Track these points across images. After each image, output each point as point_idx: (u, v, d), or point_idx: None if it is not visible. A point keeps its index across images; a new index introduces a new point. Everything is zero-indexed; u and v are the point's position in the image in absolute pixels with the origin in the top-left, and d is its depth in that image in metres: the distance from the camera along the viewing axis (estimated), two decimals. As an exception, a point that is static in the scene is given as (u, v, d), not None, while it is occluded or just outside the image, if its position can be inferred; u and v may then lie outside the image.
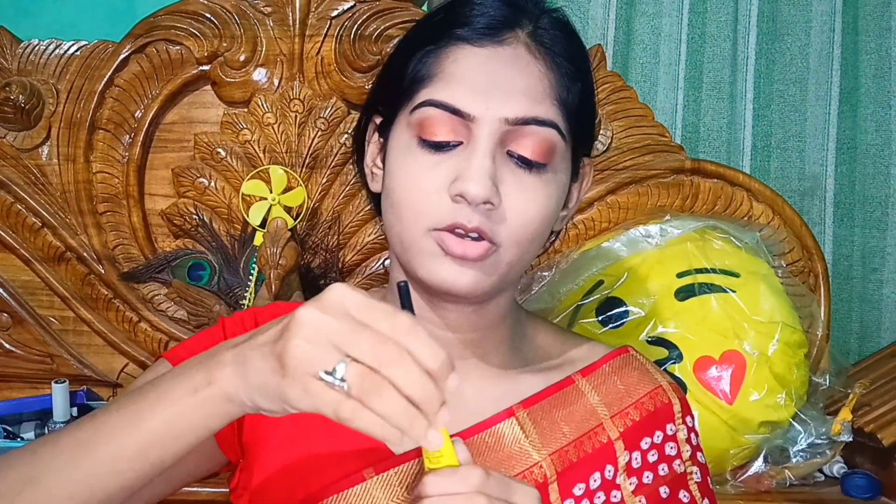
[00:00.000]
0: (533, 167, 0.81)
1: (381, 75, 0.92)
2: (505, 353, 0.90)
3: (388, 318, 0.61)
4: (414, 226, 0.81)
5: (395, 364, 0.60)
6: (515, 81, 0.81)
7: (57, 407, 1.39)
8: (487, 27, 0.82)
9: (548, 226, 0.84)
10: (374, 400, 0.60)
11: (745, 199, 1.48)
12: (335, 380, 0.60)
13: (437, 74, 0.82)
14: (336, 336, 0.61)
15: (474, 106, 0.80)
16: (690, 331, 1.32)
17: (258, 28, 1.46)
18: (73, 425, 0.74)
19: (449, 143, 0.81)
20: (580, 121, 0.85)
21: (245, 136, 1.46)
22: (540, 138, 0.81)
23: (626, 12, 1.68)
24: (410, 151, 0.82)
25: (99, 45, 1.47)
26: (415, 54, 0.84)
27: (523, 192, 0.81)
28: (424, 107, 0.81)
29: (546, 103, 0.81)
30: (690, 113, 1.70)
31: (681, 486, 0.88)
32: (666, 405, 0.90)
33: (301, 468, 0.83)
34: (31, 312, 1.49)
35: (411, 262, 0.82)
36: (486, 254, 0.80)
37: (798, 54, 1.69)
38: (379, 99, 0.90)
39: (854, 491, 1.30)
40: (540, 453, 0.84)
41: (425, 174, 0.80)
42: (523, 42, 0.83)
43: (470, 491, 0.67)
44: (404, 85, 0.84)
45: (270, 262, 1.35)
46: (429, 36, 0.85)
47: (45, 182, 1.47)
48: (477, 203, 0.78)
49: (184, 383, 0.68)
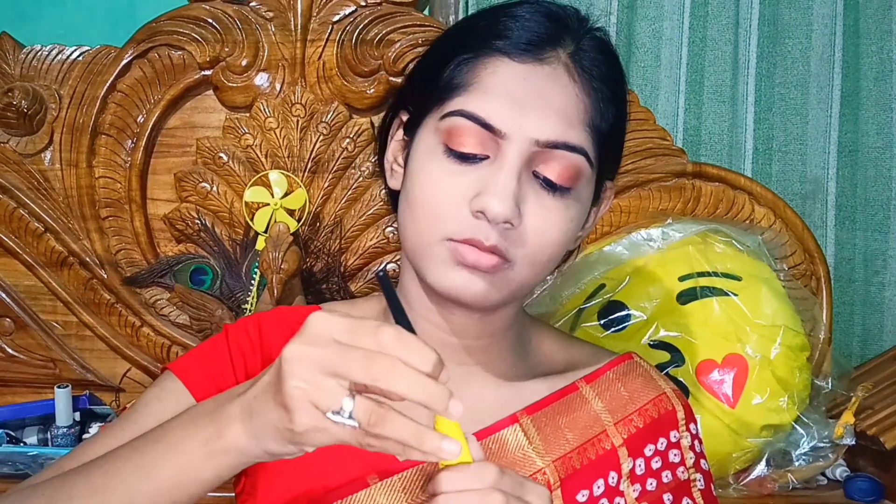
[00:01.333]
0: (557, 190, 0.80)
1: (413, 74, 0.91)
2: (509, 359, 0.90)
3: (374, 334, 0.62)
4: (429, 231, 0.80)
5: (390, 375, 0.60)
6: (551, 102, 0.79)
7: (60, 412, 1.39)
8: (529, 43, 0.81)
9: (564, 248, 0.84)
10: (386, 429, 0.61)
11: (747, 202, 1.48)
12: (344, 419, 0.61)
13: (472, 84, 0.80)
14: (328, 365, 0.61)
15: (507, 123, 0.78)
16: (692, 334, 1.32)
17: (260, 33, 1.46)
18: (86, 469, 0.75)
19: (476, 156, 0.79)
20: (609, 147, 0.84)
21: (247, 140, 1.47)
22: (568, 163, 0.80)
23: (628, 16, 1.68)
24: (435, 157, 0.81)
25: (101, 50, 1.47)
26: (451, 59, 0.83)
27: (544, 213, 0.80)
28: (455, 116, 0.80)
29: (578, 128, 0.80)
30: (692, 116, 1.70)
31: (684, 494, 0.88)
32: (670, 412, 0.90)
33: (306, 474, 0.83)
34: (34, 317, 1.49)
35: (422, 266, 0.82)
36: (498, 266, 0.79)
37: (799, 57, 1.69)
38: (409, 97, 0.88)
39: (857, 494, 1.31)
40: (543, 460, 0.84)
41: (447, 182, 0.80)
42: (563, 62, 0.81)
43: (485, 487, 0.67)
44: (437, 89, 0.82)
45: (273, 267, 1.35)
46: (468, 43, 0.83)
47: (47, 187, 1.47)
48: (497, 222, 0.78)
49: (195, 434, 0.69)
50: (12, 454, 1.32)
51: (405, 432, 0.61)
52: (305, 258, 1.44)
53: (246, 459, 0.67)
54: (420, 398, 0.61)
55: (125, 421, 0.85)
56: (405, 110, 0.88)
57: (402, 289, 0.89)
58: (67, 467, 0.80)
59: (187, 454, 0.68)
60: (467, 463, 0.68)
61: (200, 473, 0.68)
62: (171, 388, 0.86)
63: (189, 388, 0.85)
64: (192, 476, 0.68)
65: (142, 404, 0.87)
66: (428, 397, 0.61)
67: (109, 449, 0.76)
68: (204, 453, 0.68)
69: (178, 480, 0.68)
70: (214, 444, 0.67)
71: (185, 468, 0.68)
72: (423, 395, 0.61)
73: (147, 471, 0.70)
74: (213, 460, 0.68)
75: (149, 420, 0.81)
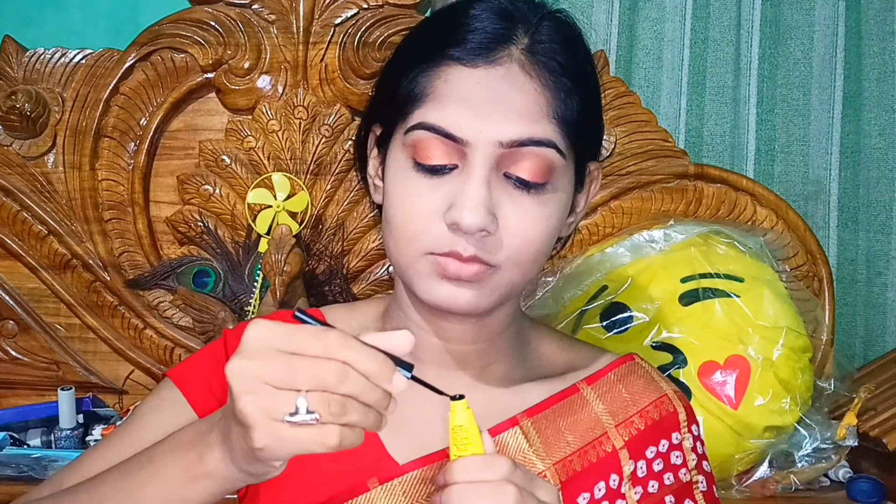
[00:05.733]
0: (531, 188, 0.79)
1: (378, 87, 0.90)
2: (508, 362, 0.90)
3: (319, 338, 0.62)
4: (410, 248, 0.80)
5: (343, 381, 0.61)
6: (509, 102, 0.78)
7: (63, 414, 1.40)
8: (479, 46, 0.79)
9: (549, 243, 0.82)
10: (348, 416, 0.61)
11: (749, 203, 1.48)
12: (304, 417, 0.60)
13: (429, 95, 0.79)
14: (273, 378, 0.61)
15: (467, 130, 0.77)
16: (695, 336, 1.32)
17: (262, 36, 1.46)
18: (73, 492, 0.76)
19: (445, 167, 0.78)
20: (582, 132, 0.82)
21: (249, 143, 1.47)
22: (538, 159, 0.78)
23: (629, 17, 1.68)
24: (406, 174, 0.80)
25: (104, 53, 1.48)
26: (408, 71, 0.82)
27: (521, 214, 0.79)
28: (418, 130, 0.79)
29: (542, 122, 0.79)
30: (694, 118, 1.70)
31: (686, 496, 0.88)
32: (671, 414, 0.90)
33: (307, 478, 0.83)
34: (37, 320, 1.50)
35: (409, 281, 0.82)
36: (482, 274, 0.78)
37: (801, 58, 1.69)
38: (376, 111, 0.88)
39: (859, 495, 1.30)
40: (544, 462, 0.83)
41: (421, 198, 0.79)
42: (517, 60, 0.79)
43: (498, 479, 0.67)
44: (398, 102, 0.82)
45: (275, 269, 1.35)
46: (422, 52, 0.82)
47: (50, 190, 1.48)
48: (472, 232, 0.77)
49: (176, 461, 0.70)
50: (16, 456, 1.32)
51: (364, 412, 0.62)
52: (308, 260, 1.45)
53: (229, 484, 0.69)
54: (371, 402, 0.62)
55: (123, 432, 0.86)
56: (377, 123, 0.87)
57: (397, 298, 0.89)
58: (66, 482, 0.81)
59: (169, 482, 0.69)
60: (479, 455, 0.68)
61: (186, 498, 0.69)
62: (170, 399, 0.87)
63: (188, 399, 0.86)
64: (177, 500, 0.70)
65: (140, 414, 0.87)
66: (376, 401, 0.62)
67: (107, 462, 0.78)
68: (186, 479, 0.69)
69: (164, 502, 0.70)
70: (196, 469, 0.68)
71: (168, 493, 0.70)
72: (374, 400, 0.62)
73: (132, 495, 0.71)
74: (197, 485, 0.69)
75: (146, 432, 0.82)
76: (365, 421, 0.62)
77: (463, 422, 0.70)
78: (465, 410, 0.70)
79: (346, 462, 0.82)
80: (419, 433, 0.84)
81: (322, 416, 0.60)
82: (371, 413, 0.63)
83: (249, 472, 0.67)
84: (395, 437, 0.84)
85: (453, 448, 0.70)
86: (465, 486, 0.67)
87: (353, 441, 0.62)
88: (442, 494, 0.69)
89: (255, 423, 0.61)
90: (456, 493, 0.68)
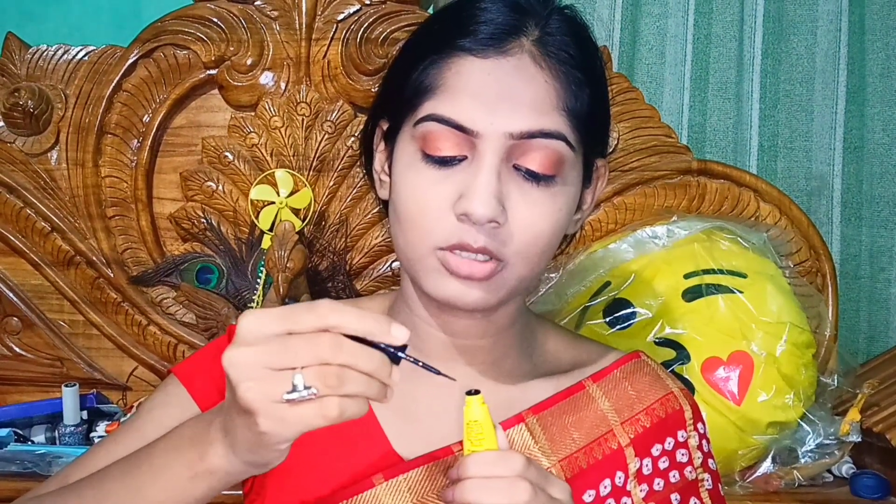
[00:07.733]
0: (541, 180, 0.79)
1: (385, 82, 0.90)
2: (514, 358, 0.90)
3: (310, 311, 0.62)
4: (419, 243, 0.79)
5: (338, 352, 0.61)
6: (520, 94, 0.78)
7: (67, 410, 1.40)
8: (490, 37, 0.79)
9: (558, 237, 0.82)
10: (345, 386, 0.61)
11: (752, 199, 1.48)
12: (302, 392, 0.61)
13: (439, 86, 0.79)
14: (270, 361, 0.61)
15: (478, 121, 0.77)
16: (698, 332, 1.32)
17: (265, 32, 1.46)
18: (78, 487, 0.77)
19: (454, 158, 0.78)
20: (591, 126, 0.82)
21: (252, 139, 1.47)
22: (547, 151, 0.78)
23: (632, 13, 1.68)
24: (415, 166, 0.80)
25: (107, 50, 1.47)
26: (418, 63, 0.81)
27: (530, 206, 0.78)
28: (427, 121, 0.79)
29: (552, 115, 0.78)
30: (697, 113, 1.70)
31: (692, 494, 0.88)
32: (677, 411, 0.90)
33: (313, 474, 0.83)
34: (41, 316, 1.50)
35: (416, 276, 0.82)
36: (493, 272, 0.78)
37: (804, 54, 1.69)
38: (385, 105, 0.88)
39: (863, 491, 1.30)
40: (549, 459, 0.83)
41: (430, 190, 0.78)
42: (528, 51, 0.79)
43: (512, 475, 0.67)
44: (407, 95, 0.81)
45: (278, 265, 1.35)
46: (432, 44, 0.82)
47: (54, 187, 1.48)
48: (482, 223, 0.77)
49: (178, 458, 0.70)
50: (20, 453, 1.33)
51: (364, 381, 0.62)
52: (311, 257, 1.45)
53: (232, 478, 0.69)
54: (369, 370, 0.62)
55: (129, 429, 0.87)
56: (384, 118, 0.87)
57: (403, 294, 0.89)
58: (72, 476, 0.81)
59: (172, 481, 0.70)
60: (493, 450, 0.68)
61: (189, 495, 0.70)
62: (175, 394, 0.87)
63: (193, 396, 0.86)
64: (180, 497, 0.70)
65: (146, 410, 0.88)
66: (372, 367, 0.62)
67: (114, 458, 0.78)
68: (188, 477, 0.69)
69: (167, 500, 0.70)
70: (198, 467, 0.68)
71: (171, 491, 0.70)
72: (371, 367, 0.62)
73: (136, 492, 0.72)
74: (199, 482, 0.69)
75: (153, 429, 0.82)
76: (367, 390, 0.62)
77: (478, 416, 0.70)
78: (480, 405, 0.70)
79: (351, 458, 0.83)
80: (424, 429, 0.84)
81: (319, 390, 0.60)
82: (373, 382, 0.62)
83: (253, 463, 0.67)
84: (401, 433, 0.84)
85: (467, 443, 0.70)
86: (480, 481, 0.67)
87: (356, 411, 0.62)
88: (455, 489, 0.69)
89: (258, 407, 0.61)
90: (470, 488, 0.68)
